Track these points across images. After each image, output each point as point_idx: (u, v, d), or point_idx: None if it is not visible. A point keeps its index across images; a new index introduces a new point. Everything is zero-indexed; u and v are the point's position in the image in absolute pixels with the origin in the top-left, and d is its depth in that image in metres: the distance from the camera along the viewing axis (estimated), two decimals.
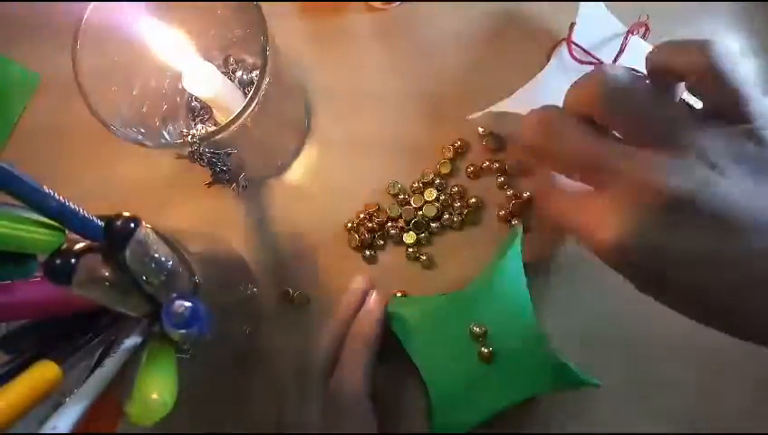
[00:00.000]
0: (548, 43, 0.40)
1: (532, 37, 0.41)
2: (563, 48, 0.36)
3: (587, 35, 0.36)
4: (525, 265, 0.34)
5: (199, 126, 0.39)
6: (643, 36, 0.37)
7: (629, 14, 0.38)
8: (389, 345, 0.34)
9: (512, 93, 0.37)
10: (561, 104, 0.36)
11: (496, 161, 0.39)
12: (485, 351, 0.33)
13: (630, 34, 0.36)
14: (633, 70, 0.24)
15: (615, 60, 0.36)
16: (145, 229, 0.22)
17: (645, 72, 0.25)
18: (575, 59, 0.36)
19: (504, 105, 0.36)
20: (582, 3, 0.37)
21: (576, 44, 0.36)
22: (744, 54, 0.41)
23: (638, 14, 0.37)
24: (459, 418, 0.33)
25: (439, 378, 0.33)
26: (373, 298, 0.35)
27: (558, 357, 0.33)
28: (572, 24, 0.36)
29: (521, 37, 0.41)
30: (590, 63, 0.36)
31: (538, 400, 0.37)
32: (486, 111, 0.37)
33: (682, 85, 0.24)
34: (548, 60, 0.38)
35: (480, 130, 0.40)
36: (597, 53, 0.36)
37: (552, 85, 0.36)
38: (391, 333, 0.35)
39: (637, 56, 0.36)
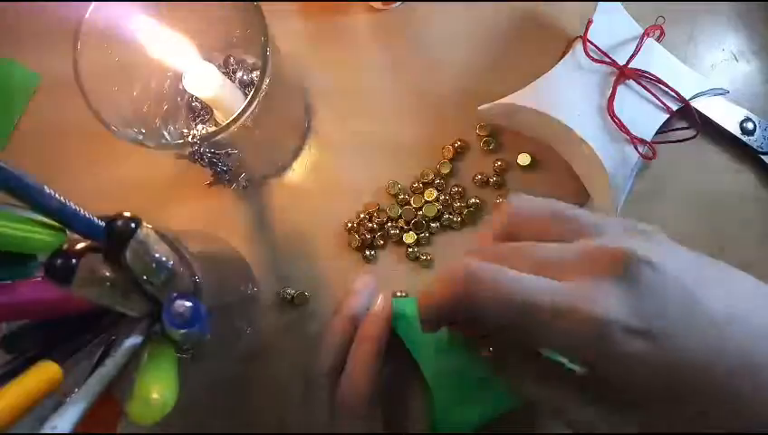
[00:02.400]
0: (547, 44, 0.40)
1: (531, 38, 0.41)
2: (579, 45, 0.36)
3: (602, 34, 0.36)
4: None
5: (200, 126, 0.39)
6: (658, 39, 0.38)
7: (632, 12, 0.38)
8: (392, 345, 0.34)
9: (514, 90, 0.37)
10: (572, 97, 0.36)
11: (498, 160, 0.39)
12: (489, 351, 0.33)
13: (646, 37, 0.36)
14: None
15: (628, 62, 0.36)
16: (145, 229, 0.22)
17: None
18: (590, 57, 0.36)
19: (516, 98, 0.36)
20: (601, 3, 0.37)
21: (591, 43, 0.36)
22: (744, 57, 0.41)
23: (641, 14, 0.37)
24: (462, 419, 0.33)
25: (442, 378, 0.33)
26: (380, 299, 0.35)
27: (561, 360, 0.33)
28: (589, 21, 0.36)
29: (520, 37, 0.41)
30: (605, 63, 0.36)
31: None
32: (497, 102, 0.37)
33: None
34: (563, 55, 0.38)
35: (478, 131, 0.40)
36: (612, 53, 0.36)
37: (565, 81, 0.36)
38: (394, 333, 0.35)
39: (650, 59, 0.36)
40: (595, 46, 0.36)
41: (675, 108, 0.36)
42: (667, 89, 0.36)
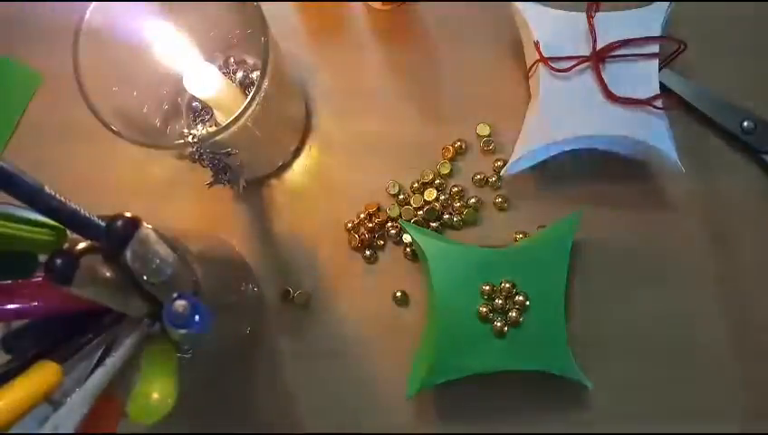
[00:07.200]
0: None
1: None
2: (542, 67, 0.36)
3: (553, 43, 0.36)
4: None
5: (200, 126, 0.39)
6: (597, 10, 0.36)
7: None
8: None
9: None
10: (570, 111, 0.36)
11: (498, 160, 0.40)
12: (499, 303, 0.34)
13: (592, 18, 0.36)
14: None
15: (594, 48, 0.35)
16: (146, 229, 0.22)
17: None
18: (559, 70, 0.36)
19: (524, 145, 0.37)
20: (531, 18, 0.37)
21: (551, 58, 0.36)
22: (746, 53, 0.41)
23: None
24: (458, 362, 0.34)
25: (452, 317, 0.34)
26: None
27: (566, 344, 0.34)
28: (537, 43, 0.36)
29: (520, 38, 0.41)
30: (575, 67, 0.36)
31: (537, 400, 0.37)
32: (511, 161, 0.37)
33: None
34: (527, 79, 0.39)
35: (478, 131, 0.40)
36: (572, 49, 0.36)
37: (554, 102, 0.36)
38: (423, 258, 0.35)
39: (605, 28, 0.36)
40: (556, 58, 0.36)
41: (656, 49, 0.36)
42: (638, 42, 0.35)
